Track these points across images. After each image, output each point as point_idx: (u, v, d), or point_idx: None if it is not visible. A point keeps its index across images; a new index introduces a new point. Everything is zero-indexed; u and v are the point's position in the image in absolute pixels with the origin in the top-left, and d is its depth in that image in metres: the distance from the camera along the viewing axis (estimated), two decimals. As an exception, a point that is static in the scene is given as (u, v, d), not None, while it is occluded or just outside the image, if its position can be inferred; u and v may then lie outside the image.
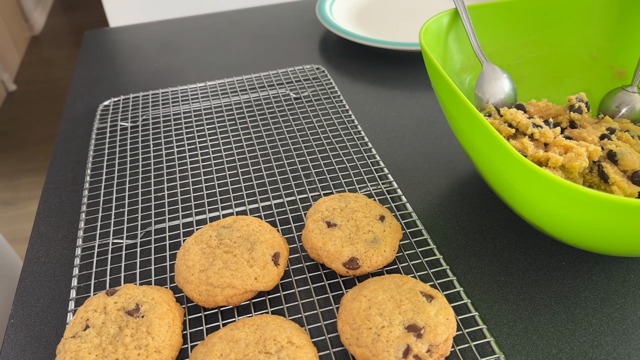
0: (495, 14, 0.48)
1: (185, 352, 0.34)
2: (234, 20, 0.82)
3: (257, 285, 0.36)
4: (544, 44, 0.50)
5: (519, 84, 0.49)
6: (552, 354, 0.34)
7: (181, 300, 0.38)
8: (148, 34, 0.80)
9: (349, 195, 0.42)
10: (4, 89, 2.15)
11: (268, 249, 0.37)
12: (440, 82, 0.39)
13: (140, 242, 0.43)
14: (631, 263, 0.40)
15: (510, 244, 0.42)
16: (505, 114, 0.42)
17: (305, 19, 0.82)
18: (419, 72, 0.66)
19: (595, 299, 0.37)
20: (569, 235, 0.35)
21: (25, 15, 2.57)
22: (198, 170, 0.50)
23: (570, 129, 0.44)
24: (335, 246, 0.37)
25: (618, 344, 0.35)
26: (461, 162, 0.51)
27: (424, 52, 0.41)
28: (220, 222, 0.40)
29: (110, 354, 0.31)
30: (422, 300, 0.33)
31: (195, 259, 0.37)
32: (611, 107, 0.47)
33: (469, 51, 0.47)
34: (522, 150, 0.39)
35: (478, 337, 0.34)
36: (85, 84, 0.67)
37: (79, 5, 2.92)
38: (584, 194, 0.29)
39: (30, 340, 0.36)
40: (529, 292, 0.38)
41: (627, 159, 0.39)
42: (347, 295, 0.35)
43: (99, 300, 0.35)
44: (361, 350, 0.31)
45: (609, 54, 0.50)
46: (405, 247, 0.41)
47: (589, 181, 0.40)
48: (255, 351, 0.31)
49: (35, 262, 0.42)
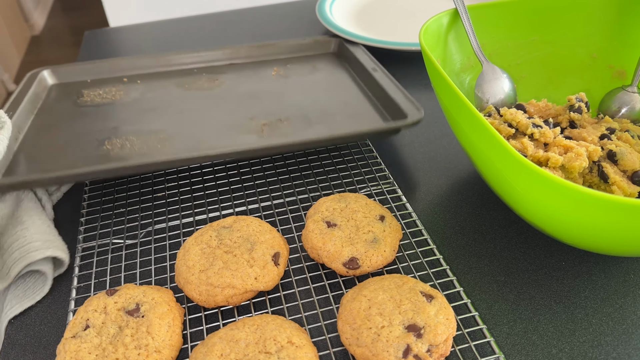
0: (495, 14, 0.48)
1: (185, 352, 0.34)
2: (234, 20, 0.82)
3: (257, 285, 0.36)
4: (544, 44, 0.50)
5: (519, 84, 0.49)
6: (552, 354, 0.34)
7: (181, 300, 0.38)
8: (148, 34, 0.80)
9: (349, 195, 0.42)
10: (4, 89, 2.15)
11: (268, 249, 0.37)
12: (440, 82, 0.39)
13: (140, 242, 0.43)
14: (631, 263, 0.40)
15: (510, 244, 0.42)
16: (505, 114, 0.42)
17: (305, 19, 0.82)
18: (419, 72, 0.66)
19: (595, 299, 0.37)
20: (569, 235, 0.35)
21: (25, 15, 2.57)
22: (198, 170, 0.50)
23: (570, 129, 0.44)
24: (335, 246, 0.37)
25: (618, 344, 0.35)
26: (461, 162, 0.51)
27: (423, 52, 0.41)
28: (220, 222, 0.40)
29: (110, 354, 0.31)
30: (422, 300, 0.33)
31: (195, 259, 0.37)
32: (611, 107, 0.47)
33: (469, 51, 0.47)
34: (522, 150, 0.39)
35: (478, 337, 0.34)
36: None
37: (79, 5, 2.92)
38: (584, 194, 0.29)
39: (30, 340, 0.36)
40: (529, 292, 0.38)
41: (627, 159, 0.39)
42: (347, 295, 0.35)
43: (99, 300, 0.35)
44: (361, 350, 0.31)
45: (609, 54, 0.50)
46: (405, 247, 0.41)
47: (589, 181, 0.40)
48: (255, 351, 0.31)
49: (36, 262, 0.42)
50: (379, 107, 0.54)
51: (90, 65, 0.63)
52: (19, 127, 0.51)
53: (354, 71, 0.62)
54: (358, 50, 0.64)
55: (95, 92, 0.59)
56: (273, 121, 0.52)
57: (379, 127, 0.48)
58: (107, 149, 0.48)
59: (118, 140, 0.49)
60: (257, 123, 0.51)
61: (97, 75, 0.63)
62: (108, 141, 0.49)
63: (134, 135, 0.50)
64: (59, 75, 0.62)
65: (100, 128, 0.52)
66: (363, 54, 0.63)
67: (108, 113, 0.55)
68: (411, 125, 0.47)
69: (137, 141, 0.49)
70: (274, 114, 0.53)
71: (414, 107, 0.50)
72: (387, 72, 0.57)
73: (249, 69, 0.64)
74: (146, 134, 0.50)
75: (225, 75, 0.62)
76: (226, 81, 0.61)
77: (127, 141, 0.49)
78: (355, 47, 0.65)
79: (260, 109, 0.54)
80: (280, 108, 0.54)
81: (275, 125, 0.51)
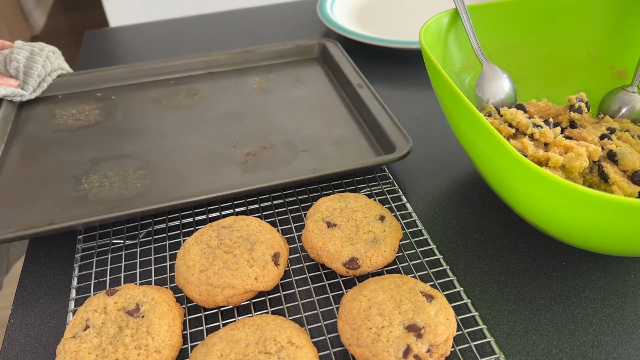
0: (495, 14, 0.48)
1: (185, 352, 0.34)
2: (234, 20, 0.82)
3: (257, 285, 0.36)
4: (544, 44, 0.50)
5: (519, 84, 0.49)
6: (552, 354, 0.34)
7: (181, 300, 0.38)
8: (148, 34, 0.80)
9: (349, 195, 0.42)
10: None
11: (268, 249, 0.37)
12: (440, 82, 0.39)
13: (140, 242, 0.43)
14: (631, 263, 0.40)
15: (510, 244, 0.42)
16: (505, 113, 0.42)
17: (306, 18, 0.82)
18: (419, 72, 0.66)
19: (595, 299, 0.37)
20: (569, 235, 0.35)
21: (25, 15, 2.57)
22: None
23: (570, 129, 0.44)
24: (335, 246, 0.37)
25: (618, 344, 0.35)
26: (461, 162, 0.51)
27: (424, 52, 0.41)
28: (220, 222, 0.40)
29: (110, 354, 0.31)
30: (422, 300, 0.33)
31: (195, 259, 0.37)
32: (611, 107, 0.47)
33: (469, 51, 0.47)
34: (522, 150, 0.39)
35: (478, 337, 0.34)
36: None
37: (79, 5, 2.92)
38: (584, 194, 0.29)
39: (30, 340, 0.36)
40: (529, 292, 0.38)
41: (627, 158, 0.39)
42: (347, 295, 0.35)
43: (99, 300, 0.35)
44: (361, 350, 0.31)
45: (609, 54, 0.50)
46: (405, 247, 0.41)
47: (589, 181, 0.40)
48: (255, 351, 0.31)
49: (35, 262, 0.42)
50: (366, 131, 0.52)
51: (60, 79, 0.60)
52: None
53: (338, 83, 0.60)
54: (342, 59, 0.62)
55: (69, 111, 0.56)
56: (257, 149, 0.50)
57: (364, 164, 0.46)
58: (84, 188, 0.45)
59: (96, 176, 0.47)
60: (241, 152, 0.50)
61: (68, 90, 0.60)
62: (85, 178, 0.47)
63: (111, 170, 0.48)
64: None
65: (76, 160, 0.49)
66: (347, 64, 0.61)
67: (83, 139, 0.52)
68: (399, 159, 0.46)
69: (116, 178, 0.47)
70: (257, 140, 0.51)
71: (402, 137, 0.48)
72: (372, 89, 0.55)
73: (229, 78, 0.62)
74: (125, 168, 0.48)
75: (204, 88, 0.60)
76: (206, 96, 0.59)
77: (106, 178, 0.46)
78: (338, 53, 0.63)
79: (243, 133, 0.52)
80: (264, 132, 0.52)
81: (259, 155, 0.49)
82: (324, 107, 0.57)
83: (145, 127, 0.54)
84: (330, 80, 0.62)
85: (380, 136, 0.50)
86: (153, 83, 0.62)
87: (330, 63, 0.64)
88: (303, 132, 0.53)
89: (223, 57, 0.64)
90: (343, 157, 0.49)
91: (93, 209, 0.44)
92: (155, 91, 0.60)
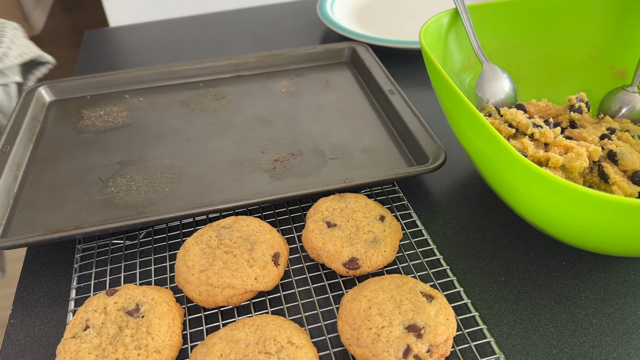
0: (495, 14, 0.48)
1: (185, 352, 0.34)
2: (234, 20, 0.82)
3: (257, 285, 0.36)
4: (544, 44, 0.50)
5: (519, 84, 0.49)
6: (552, 354, 0.34)
7: (181, 301, 0.38)
8: (148, 34, 0.80)
9: (349, 195, 0.42)
10: (4, 88, 2.14)
11: (268, 249, 0.37)
12: (440, 82, 0.39)
13: (140, 242, 0.43)
14: (631, 263, 0.40)
15: (510, 244, 0.42)
16: (506, 114, 0.42)
17: (306, 18, 0.82)
18: (419, 72, 0.66)
19: (595, 299, 0.37)
20: (569, 235, 0.35)
21: (25, 15, 2.57)
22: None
23: (571, 129, 0.44)
24: (335, 246, 0.37)
25: (618, 344, 0.35)
26: (461, 162, 0.51)
27: (424, 52, 0.41)
28: (220, 222, 0.40)
29: (110, 354, 0.31)
30: (422, 300, 0.33)
31: (195, 259, 0.37)
32: (611, 107, 0.47)
33: (469, 51, 0.47)
34: (522, 150, 0.39)
35: (478, 337, 0.34)
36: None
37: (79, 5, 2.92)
38: (584, 194, 0.29)
39: (30, 340, 0.36)
40: (529, 292, 0.38)
41: (627, 159, 0.39)
42: (347, 296, 0.35)
43: (99, 300, 0.35)
44: (361, 350, 0.31)
45: (609, 54, 0.50)
46: (405, 247, 0.41)
47: (589, 181, 0.40)
48: (255, 351, 0.31)
49: (35, 262, 0.42)
50: (397, 139, 0.51)
51: (89, 80, 0.59)
52: (18, 163, 0.48)
53: (369, 89, 0.59)
54: (373, 64, 0.60)
55: (96, 112, 0.56)
56: (285, 156, 0.49)
57: (398, 174, 0.44)
58: (111, 191, 0.45)
59: (123, 180, 0.46)
60: (269, 158, 0.49)
61: (97, 91, 0.59)
62: (112, 181, 0.46)
63: (139, 174, 0.47)
64: (56, 92, 0.58)
65: (103, 162, 0.49)
66: (378, 69, 0.59)
67: (111, 141, 0.52)
68: (434, 169, 0.44)
69: (143, 182, 0.46)
70: (286, 145, 0.50)
71: (435, 147, 0.47)
72: (404, 95, 0.54)
73: (257, 82, 0.61)
74: (152, 172, 0.48)
75: (232, 91, 0.59)
76: (233, 99, 0.58)
77: (133, 182, 0.46)
78: (369, 57, 0.61)
79: (271, 139, 0.51)
80: (292, 138, 0.51)
81: (287, 161, 0.48)
82: (354, 113, 0.55)
83: (172, 130, 0.54)
84: (360, 85, 0.60)
85: (413, 145, 0.49)
86: (181, 85, 0.61)
87: (360, 67, 0.62)
88: (332, 139, 0.51)
89: (251, 60, 0.62)
90: (374, 166, 0.48)
91: (120, 213, 0.43)
92: (183, 94, 0.59)
